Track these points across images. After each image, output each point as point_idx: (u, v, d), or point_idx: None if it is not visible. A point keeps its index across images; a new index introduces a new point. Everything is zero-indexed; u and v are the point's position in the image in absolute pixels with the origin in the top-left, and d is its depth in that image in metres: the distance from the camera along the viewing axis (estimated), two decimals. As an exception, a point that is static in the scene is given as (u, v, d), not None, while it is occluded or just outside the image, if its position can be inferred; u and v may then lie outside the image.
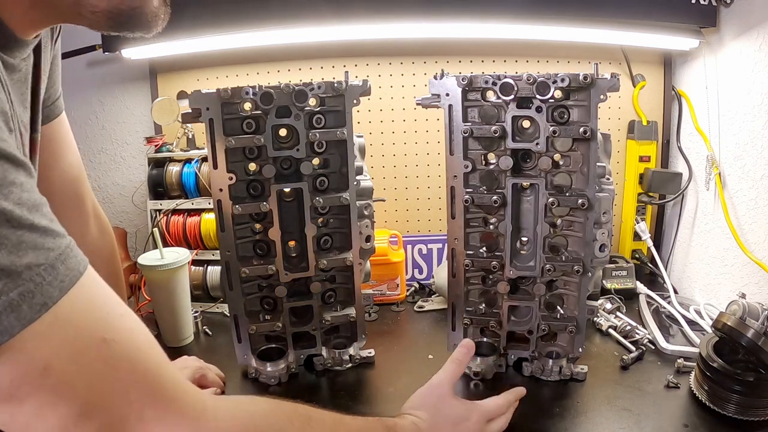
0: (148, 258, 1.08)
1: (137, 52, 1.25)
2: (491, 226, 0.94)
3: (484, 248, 0.94)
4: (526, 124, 0.89)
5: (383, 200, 1.25)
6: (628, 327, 1.06)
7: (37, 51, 0.57)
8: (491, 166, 0.91)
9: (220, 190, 0.89)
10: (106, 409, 0.41)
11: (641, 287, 1.26)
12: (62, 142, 0.77)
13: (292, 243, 0.97)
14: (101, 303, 0.43)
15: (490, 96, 0.88)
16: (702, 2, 1.18)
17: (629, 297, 1.23)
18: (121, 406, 0.42)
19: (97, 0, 0.48)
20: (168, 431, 0.43)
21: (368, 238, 0.98)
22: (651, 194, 1.41)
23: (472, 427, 0.72)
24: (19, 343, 0.36)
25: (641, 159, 1.41)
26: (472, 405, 0.75)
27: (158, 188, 1.26)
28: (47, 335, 0.38)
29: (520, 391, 0.82)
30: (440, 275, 1.23)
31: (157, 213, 1.26)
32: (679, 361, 0.94)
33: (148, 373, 0.44)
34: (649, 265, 1.39)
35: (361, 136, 0.97)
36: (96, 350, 0.40)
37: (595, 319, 1.11)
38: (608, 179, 0.90)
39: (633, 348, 1.01)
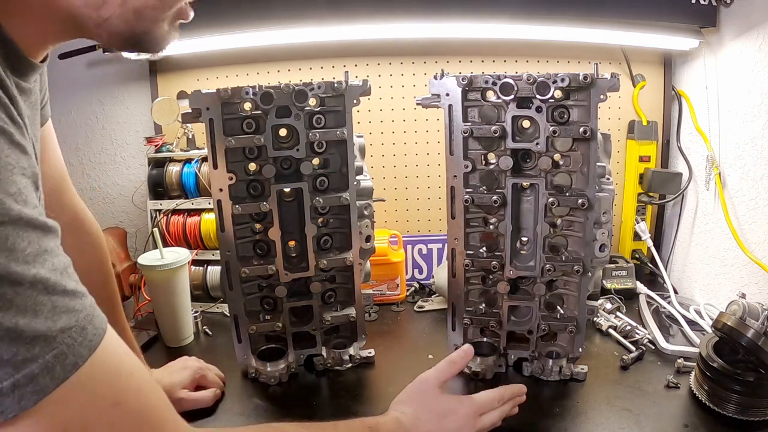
0: (148, 258, 1.08)
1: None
2: (491, 226, 0.94)
3: (484, 248, 0.94)
4: (526, 124, 0.89)
5: (383, 200, 1.25)
6: (628, 327, 1.06)
7: None
8: (491, 166, 0.91)
9: (220, 190, 0.89)
10: None
11: (641, 287, 1.26)
12: (47, 150, 0.74)
13: (292, 243, 0.97)
14: (117, 363, 0.45)
15: (490, 96, 0.88)
16: (702, 2, 1.18)
17: (629, 297, 1.23)
18: None
19: (118, 22, 0.50)
20: None
21: (368, 238, 0.98)
22: (651, 194, 1.41)
23: (460, 420, 0.72)
24: (43, 406, 0.38)
25: (641, 159, 1.41)
26: (461, 398, 0.75)
27: (158, 188, 1.26)
28: (68, 400, 0.40)
29: (517, 388, 0.81)
30: (440, 275, 1.23)
31: (157, 213, 1.26)
32: (679, 361, 0.93)
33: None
34: (649, 265, 1.39)
35: (361, 136, 0.97)
36: (108, 415, 0.43)
37: (595, 319, 1.11)
38: (608, 179, 0.90)
39: (633, 348, 1.01)
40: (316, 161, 0.93)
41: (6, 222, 0.38)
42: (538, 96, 0.84)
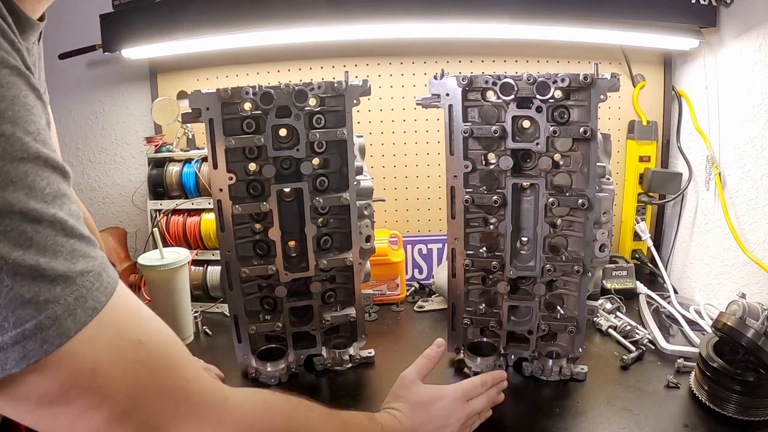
0: (148, 258, 1.08)
1: (137, 52, 1.25)
2: (491, 226, 0.94)
3: (484, 248, 0.94)
4: (526, 124, 0.89)
5: (383, 200, 1.25)
6: (628, 327, 1.06)
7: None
8: (491, 166, 0.91)
9: (220, 190, 0.89)
10: (145, 406, 0.43)
11: (641, 287, 1.26)
12: None
13: (292, 243, 0.97)
14: (133, 307, 0.45)
15: (490, 96, 0.88)
16: (702, 2, 1.18)
17: (629, 297, 1.23)
18: (158, 402, 0.44)
19: None
20: (197, 422, 0.46)
21: (368, 238, 0.98)
22: (651, 194, 1.41)
23: (449, 405, 0.74)
24: (70, 347, 0.38)
25: (641, 159, 1.40)
26: (443, 387, 0.77)
27: (158, 188, 1.26)
28: (95, 339, 0.40)
29: (497, 373, 0.83)
30: (440, 275, 1.23)
31: (157, 213, 1.26)
32: (679, 361, 0.93)
33: (177, 370, 0.46)
34: (649, 265, 1.39)
35: (361, 136, 0.97)
36: (134, 352, 0.43)
37: (595, 319, 1.11)
38: (608, 179, 0.90)
39: (633, 348, 1.01)
40: (316, 161, 0.93)
41: (26, 158, 0.37)
42: (538, 96, 0.84)
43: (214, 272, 1.25)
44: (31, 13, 0.50)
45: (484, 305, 0.97)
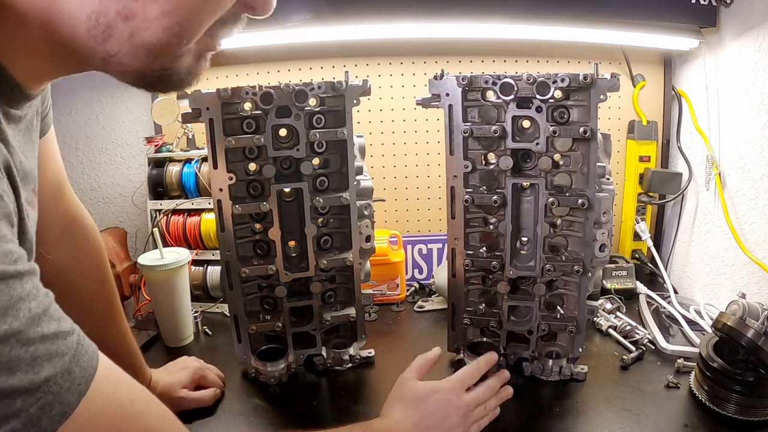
0: (148, 258, 1.08)
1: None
2: (491, 226, 0.93)
3: (484, 248, 0.94)
4: (526, 124, 0.89)
5: (383, 200, 1.25)
6: (628, 327, 1.06)
7: None
8: (491, 166, 0.91)
9: (220, 190, 0.89)
10: None
11: (641, 287, 1.26)
12: (46, 159, 0.71)
13: (292, 243, 0.97)
14: (114, 394, 0.42)
15: (490, 96, 0.88)
16: (702, 2, 1.18)
17: (629, 297, 1.23)
18: None
19: (128, 59, 0.44)
20: None
21: (368, 238, 0.98)
22: (651, 194, 1.41)
23: (445, 397, 0.73)
24: None
25: (641, 159, 1.41)
26: (439, 381, 0.77)
27: (158, 188, 1.26)
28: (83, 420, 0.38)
29: (489, 356, 0.83)
30: (440, 275, 1.23)
31: (157, 213, 1.26)
32: (679, 361, 0.93)
33: None
34: (649, 265, 1.39)
35: (361, 136, 0.97)
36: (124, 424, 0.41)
37: (595, 319, 1.11)
38: (608, 179, 0.90)
39: (633, 348, 1.01)
40: (316, 161, 0.93)
41: None
42: (538, 96, 0.84)
43: (214, 272, 1.25)
44: (31, 87, 0.47)
45: (484, 305, 0.97)
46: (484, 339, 1.00)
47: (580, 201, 0.85)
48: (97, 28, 0.41)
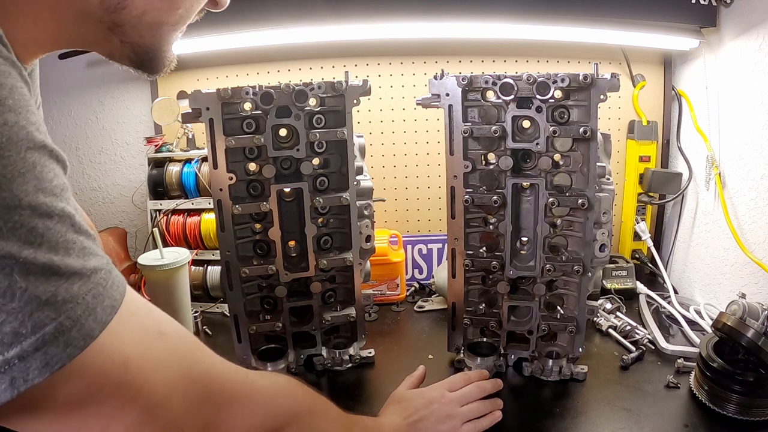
0: (148, 258, 1.08)
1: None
2: (491, 226, 0.94)
3: (484, 248, 0.94)
4: (526, 124, 0.89)
5: (383, 200, 1.25)
6: (628, 327, 1.06)
7: None
8: (491, 166, 0.91)
9: (220, 190, 0.89)
10: (180, 395, 0.42)
11: (641, 287, 1.26)
12: None
13: (292, 243, 0.97)
14: (144, 303, 0.44)
15: (490, 96, 0.88)
16: (702, 2, 1.18)
17: (629, 297, 1.23)
18: (191, 389, 0.43)
19: (132, 32, 0.46)
20: (229, 403, 0.46)
21: (368, 238, 0.98)
22: (651, 194, 1.41)
23: (430, 396, 0.79)
24: (97, 345, 0.36)
25: (641, 159, 1.40)
26: (428, 386, 0.83)
27: (158, 188, 1.26)
28: (119, 334, 0.38)
29: (481, 373, 0.88)
30: (440, 275, 1.23)
31: (157, 213, 1.26)
32: (679, 361, 0.93)
33: (199, 356, 0.46)
34: (649, 265, 1.39)
35: (361, 136, 0.97)
36: (158, 343, 0.42)
37: (595, 319, 1.10)
38: (608, 179, 0.90)
39: (633, 348, 1.01)
40: (316, 161, 0.93)
41: (32, 148, 0.34)
42: (538, 96, 0.84)
43: (214, 272, 1.25)
44: (24, 60, 0.46)
45: (484, 305, 0.97)
46: (484, 339, 1.00)
47: (580, 201, 0.85)
48: (110, 0, 0.43)
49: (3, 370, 0.32)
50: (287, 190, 0.93)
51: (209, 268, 1.25)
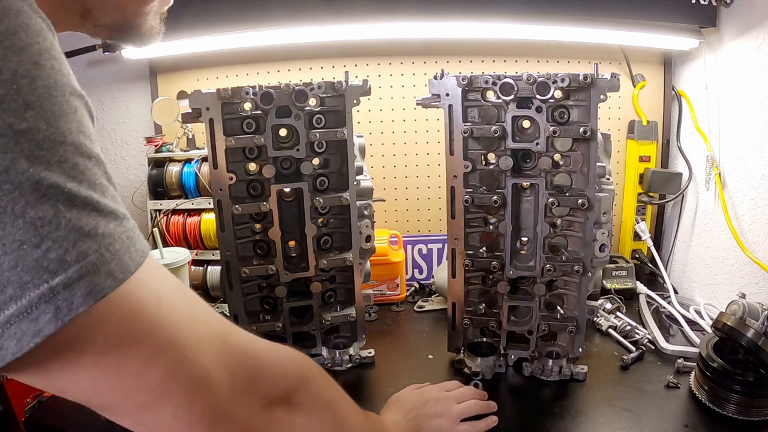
0: (148, 258, 1.08)
1: (137, 52, 1.25)
2: (491, 226, 0.94)
3: (484, 248, 0.94)
4: (526, 124, 0.89)
5: (383, 200, 1.25)
6: (628, 327, 1.06)
7: None
8: (491, 166, 0.91)
9: (220, 190, 0.89)
10: (206, 338, 0.42)
11: (641, 287, 1.26)
12: None
13: (292, 243, 0.97)
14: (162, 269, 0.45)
15: (490, 96, 0.88)
16: (702, 2, 1.18)
17: (629, 297, 1.23)
18: (215, 331, 0.44)
19: (102, 15, 0.49)
20: (260, 367, 0.47)
21: (368, 238, 0.98)
22: (651, 194, 1.41)
23: (428, 394, 0.82)
24: (133, 280, 0.36)
25: (641, 159, 1.41)
26: (425, 387, 0.86)
27: (158, 188, 1.26)
28: (152, 273, 0.39)
29: (476, 391, 0.88)
30: (440, 275, 1.23)
31: (157, 213, 1.26)
32: (679, 361, 0.93)
33: (219, 317, 0.47)
34: (649, 265, 1.39)
35: (361, 136, 0.97)
36: (182, 291, 0.43)
37: (595, 319, 1.10)
38: (608, 179, 0.90)
39: (633, 348, 1.01)
40: (316, 161, 0.93)
41: (74, 94, 0.36)
42: (538, 96, 0.84)
43: (214, 272, 1.25)
44: None
45: (484, 305, 0.97)
46: (484, 339, 1.00)
47: (580, 201, 0.85)
48: None
49: (47, 299, 0.32)
50: (287, 190, 0.93)
51: (209, 268, 1.25)
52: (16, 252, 0.32)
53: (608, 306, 1.15)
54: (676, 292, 1.26)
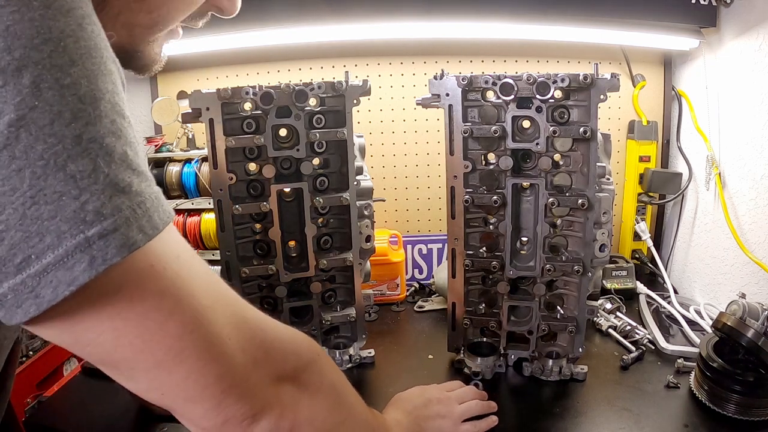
0: (148, 258, 1.08)
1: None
2: (491, 226, 0.94)
3: (484, 248, 0.94)
4: (526, 124, 0.89)
5: (383, 200, 1.25)
6: (628, 327, 1.06)
7: None
8: (491, 166, 0.91)
9: (220, 190, 0.89)
10: (223, 310, 0.43)
11: (641, 287, 1.26)
12: None
13: (292, 243, 0.97)
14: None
15: (490, 96, 0.88)
16: (702, 2, 1.18)
17: (629, 297, 1.23)
18: (229, 303, 0.45)
19: (110, 34, 0.49)
20: (254, 331, 0.48)
21: (368, 238, 0.98)
22: (651, 194, 1.41)
23: (429, 394, 0.82)
24: (160, 238, 0.38)
25: (641, 159, 1.41)
26: (426, 386, 0.85)
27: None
28: (174, 234, 0.41)
29: (477, 391, 0.88)
30: (440, 275, 1.23)
31: (157, 213, 1.26)
32: (679, 361, 0.93)
33: (230, 290, 0.47)
34: (649, 265, 1.39)
35: (361, 136, 0.97)
36: (196, 256, 0.44)
37: (595, 319, 1.10)
38: (608, 179, 0.90)
39: (633, 348, 1.01)
40: (316, 161, 0.93)
41: (111, 59, 0.38)
42: (538, 96, 0.84)
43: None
44: None
45: (484, 305, 0.97)
46: (484, 339, 1.00)
47: (580, 201, 0.85)
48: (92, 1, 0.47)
49: (83, 248, 0.33)
50: (287, 190, 0.93)
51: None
52: (56, 203, 0.33)
53: (608, 306, 1.15)
54: (676, 292, 1.26)
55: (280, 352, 0.50)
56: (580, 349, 0.93)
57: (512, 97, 0.85)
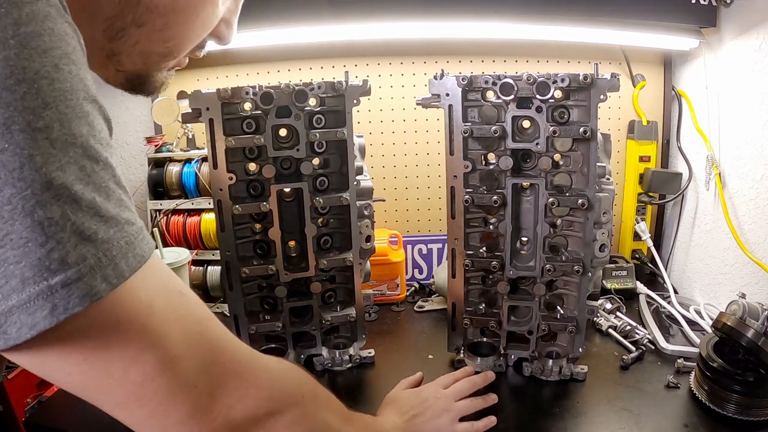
0: (148, 258, 1.08)
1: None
2: (491, 226, 0.94)
3: (484, 248, 0.94)
4: (526, 124, 0.89)
5: (383, 200, 1.25)
6: (628, 327, 1.06)
7: None
8: (491, 166, 0.91)
9: (220, 190, 0.89)
10: (195, 351, 0.43)
11: (641, 287, 1.26)
12: None
13: (292, 243, 0.97)
14: (167, 268, 0.46)
15: (490, 96, 0.88)
16: (702, 2, 1.18)
17: (629, 297, 1.23)
18: (205, 349, 0.45)
19: (127, 60, 0.51)
20: (237, 373, 0.48)
21: (368, 238, 0.98)
22: (651, 194, 1.41)
23: (425, 394, 0.82)
24: (129, 285, 0.38)
25: (641, 159, 1.41)
26: (421, 386, 0.86)
27: (158, 188, 1.26)
28: (147, 281, 0.40)
29: (465, 369, 0.90)
30: (440, 275, 1.23)
31: (157, 213, 1.26)
32: (679, 361, 0.93)
33: (212, 323, 0.48)
34: (649, 265, 1.39)
35: (361, 136, 0.97)
36: (179, 300, 0.44)
37: (595, 319, 1.10)
38: (608, 179, 0.90)
39: (633, 348, 1.01)
40: (316, 161, 0.93)
41: (88, 99, 0.38)
42: (538, 96, 0.84)
43: (214, 272, 1.25)
44: None
45: (484, 305, 0.97)
46: (484, 339, 1.00)
47: (580, 201, 0.85)
48: (112, 29, 0.47)
49: (45, 296, 0.34)
50: (287, 190, 0.93)
51: (209, 268, 1.26)
52: (22, 248, 0.33)
53: (608, 306, 1.15)
54: (676, 292, 1.26)
55: (255, 396, 0.49)
56: (580, 349, 0.93)
57: (512, 97, 0.85)
